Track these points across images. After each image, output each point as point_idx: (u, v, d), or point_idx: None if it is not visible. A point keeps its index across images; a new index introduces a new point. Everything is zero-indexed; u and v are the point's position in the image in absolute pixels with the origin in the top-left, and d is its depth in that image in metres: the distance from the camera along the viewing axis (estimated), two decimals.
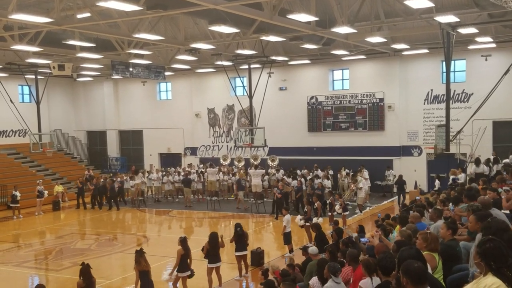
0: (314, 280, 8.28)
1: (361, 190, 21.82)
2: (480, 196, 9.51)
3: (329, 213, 18.79)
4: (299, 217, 16.80)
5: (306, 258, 10.97)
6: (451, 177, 18.71)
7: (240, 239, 13.51)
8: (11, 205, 24.18)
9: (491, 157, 20.10)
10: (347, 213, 18.92)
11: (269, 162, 27.24)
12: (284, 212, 16.32)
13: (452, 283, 6.09)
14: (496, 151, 21.97)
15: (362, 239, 11.04)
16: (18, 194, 23.97)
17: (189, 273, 11.93)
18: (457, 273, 6.47)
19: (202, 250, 12.58)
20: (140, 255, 10.93)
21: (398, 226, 10.90)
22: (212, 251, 12.41)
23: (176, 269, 11.84)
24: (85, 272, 10.02)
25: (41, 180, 25.98)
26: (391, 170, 25.87)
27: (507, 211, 8.87)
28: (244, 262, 13.71)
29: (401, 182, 23.33)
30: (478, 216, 6.73)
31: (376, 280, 6.83)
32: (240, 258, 13.53)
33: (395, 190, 24.83)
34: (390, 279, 5.51)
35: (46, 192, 25.40)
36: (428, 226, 8.96)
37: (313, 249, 10.67)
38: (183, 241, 11.91)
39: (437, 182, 21.63)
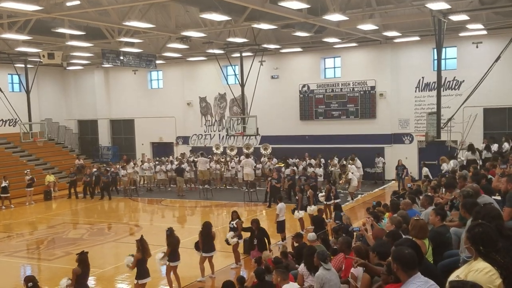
0: (301, 267, 8.35)
1: (353, 179, 21.85)
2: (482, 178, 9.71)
3: (325, 202, 18.78)
4: (297, 212, 16.46)
5: (299, 244, 11.03)
6: (443, 164, 18.79)
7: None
8: (1, 195, 24.07)
9: (482, 145, 20.21)
10: (338, 200, 18.95)
11: (262, 151, 27.25)
12: (277, 201, 16.36)
13: (443, 269, 6.12)
14: (487, 138, 22.06)
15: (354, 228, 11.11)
16: (7, 184, 23.87)
17: (179, 262, 11.90)
18: (448, 258, 6.51)
19: (197, 248, 12.54)
20: (140, 242, 10.82)
21: (387, 214, 10.98)
22: (206, 240, 12.43)
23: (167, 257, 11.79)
24: (83, 260, 10.11)
25: (28, 170, 25.74)
26: (380, 158, 25.97)
27: (498, 197, 8.92)
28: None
29: (399, 167, 23.64)
30: (463, 203, 6.77)
31: None
32: (237, 246, 13.62)
33: (393, 176, 25.13)
34: (384, 262, 5.56)
35: (34, 178, 25.13)
36: (418, 214, 9.01)
37: (311, 235, 10.69)
38: (169, 236, 11.79)
39: (425, 169, 21.62)
